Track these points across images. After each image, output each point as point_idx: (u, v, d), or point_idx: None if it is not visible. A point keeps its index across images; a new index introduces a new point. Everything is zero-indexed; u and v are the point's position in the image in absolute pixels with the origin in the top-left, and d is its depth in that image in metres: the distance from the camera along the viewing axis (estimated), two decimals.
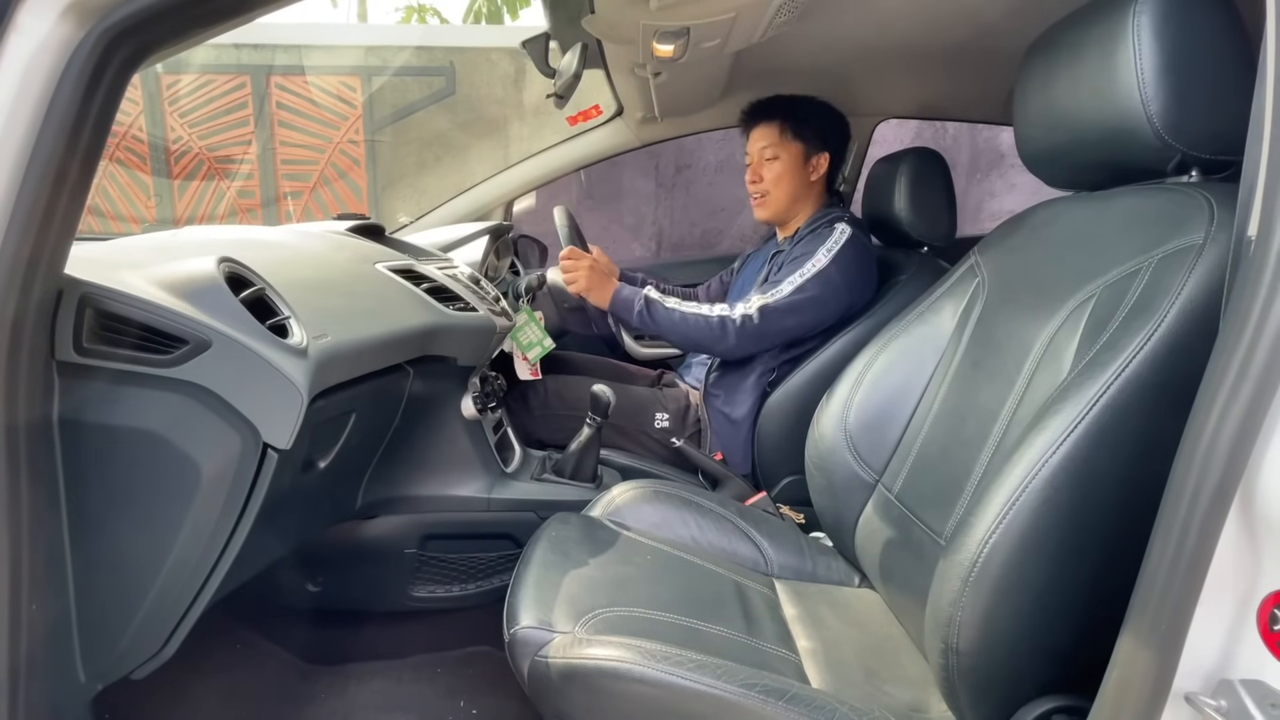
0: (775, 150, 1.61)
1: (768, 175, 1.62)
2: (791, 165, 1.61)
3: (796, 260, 1.52)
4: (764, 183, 1.63)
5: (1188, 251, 0.70)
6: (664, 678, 0.75)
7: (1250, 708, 0.48)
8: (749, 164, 1.67)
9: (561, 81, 1.25)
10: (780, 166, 1.61)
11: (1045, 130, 0.91)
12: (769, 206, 1.65)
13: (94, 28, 0.59)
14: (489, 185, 2.01)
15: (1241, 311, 0.51)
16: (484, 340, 1.31)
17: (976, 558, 0.69)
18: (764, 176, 1.63)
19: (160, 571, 0.79)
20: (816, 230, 1.56)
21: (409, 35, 3.71)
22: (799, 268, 1.49)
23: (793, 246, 1.58)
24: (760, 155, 1.63)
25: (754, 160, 1.65)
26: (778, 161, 1.61)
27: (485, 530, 1.37)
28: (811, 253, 1.50)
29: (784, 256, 1.59)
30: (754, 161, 1.65)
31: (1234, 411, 0.50)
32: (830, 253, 1.49)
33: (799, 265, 1.50)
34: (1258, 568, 0.50)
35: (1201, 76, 0.75)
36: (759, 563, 1.15)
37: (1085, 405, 0.68)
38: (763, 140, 1.62)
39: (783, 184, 1.62)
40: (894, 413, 1.07)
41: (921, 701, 0.86)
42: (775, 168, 1.61)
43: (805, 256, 1.51)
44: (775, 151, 1.61)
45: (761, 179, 1.63)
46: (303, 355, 0.82)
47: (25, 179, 0.59)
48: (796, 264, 1.51)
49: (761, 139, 1.62)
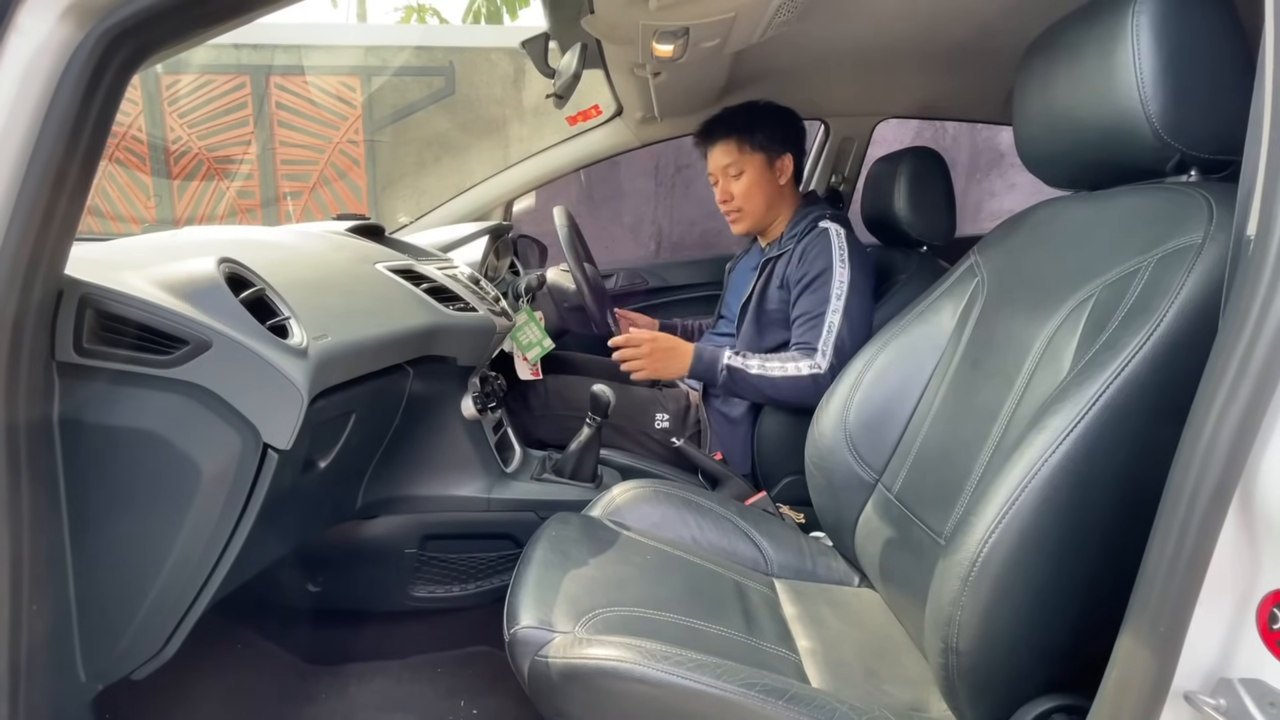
0: (738, 165, 1.60)
1: (737, 191, 1.61)
2: (758, 175, 1.60)
3: (811, 281, 1.49)
4: (735, 200, 1.62)
5: (1187, 251, 0.70)
6: (664, 677, 0.76)
7: (1249, 706, 0.49)
8: (714, 183, 1.66)
9: (561, 81, 1.25)
10: (748, 180, 1.60)
11: (1044, 130, 0.91)
12: (746, 220, 1.64)
13: (94, 28, 0.59)
14: (488, 185, 2.01)
15: (1240, 310, 0.51)
16: (484, 340, 1.31)
17: (976, 557, 0.69)
18: (734, 194, 1.62)
19: (161, 571, 0.79)
20: (804, 235, 1.55)
21: (408, 35, 3.72)
22: (824, 288, 1.47)
23: (786, 257, 1.56)
24: (724, 174, 1.62)
25: (719, 179, 1.64)
26: (744, 176, 1.60)
27: (485, 530, 1.37)
28: (824, 268, 1.48)
29: (781, 267, 1.56)
30: (720, 181, 1.64)
31: (1233, 410, 0.50)
32: (845, 262, 1.48)
33: (822, 286, 1.47)
34: (1257, 567, 0.50)
35: (1200, 76, 0.75)
36: (759, 562, 1.15)
37: (1084, 405, 0.68)
38: (724, 158, 1.61)
39: (754, 196, 1.61)
40: (894, 412, 1.07)
41: (921, 701, 0.86)
42: (743, 183, 1.61)
43: (820, 275, 1.48)
44: (739, 167, 1.60)
45: (732, 196, 1.62)
46: (303, 355, 0.82)
47: (25, 179, 0.59)
48: (817, 286, 1.48)
49: (722, 157, 1.61)
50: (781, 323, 1.57)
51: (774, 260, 1.59)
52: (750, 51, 1.38)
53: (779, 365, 1.46)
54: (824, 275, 1.48)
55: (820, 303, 1.47)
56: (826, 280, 1.48)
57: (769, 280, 1.58)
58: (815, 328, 1.47)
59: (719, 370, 1.49)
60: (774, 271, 1.58)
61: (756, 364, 1.47)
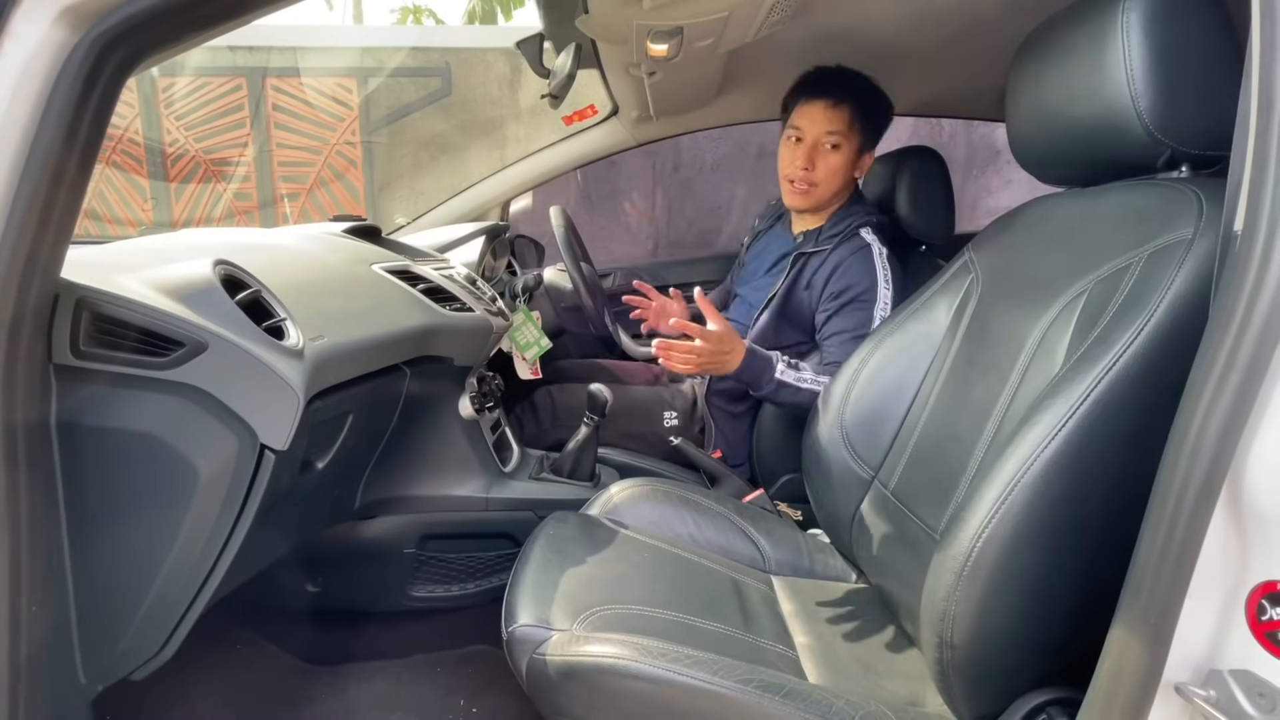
0: (840, 139, 1.40)
1: (822, 166, 1.42)
2: (849, 159, 1.42)
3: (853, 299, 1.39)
4: (816, 171, 1.42)
5: (1177, 246, 0.71)
6: (661, 674, 0.76)
7: (1239, 697, 0.49)
8: (798, 142, 1.43)
9: (556, 81, 1.25)
10: (839, 159, 1.41)
11: (1037, 127, 0.91)
12: (812, 197, 1.46)
13: (88, 33, 0.60)
14: (485, 186, 2.01)
15: (1228, 305, 0.51)
16: (481, 340, 1.31)
17: (970, 552, 0.70)
18: (817, 165, 1.42)
19: (159, 572, 0.79)
20: (843, 240, 1.45)
21: (404, 36, 3.72)
22: (868, 309, 1.37)
23: (820, 258, 1.45)
24: (818, 140, 1.41)
25: (808, 142, 1.41)
26: (838, 153, 1.41)
27: (484, 530, 1.37)
28: (869, 287, 1.38)
29: (813, 269, 1.46)
30: (808, 143, 1.41)
31: (1221, 404, 0.50)
32: (889, 283, 1.39)
33: (865, 306, 1.38)
34: (1246, 559, 0.51)
35: (1190, 73, 0.75)
36: (756, 560, 1.15)
37: (1077, 399, 0.68)
38: (829, 124, 1.40)
39: (835, 178, 1.43)
40: (890, 409, 1.07)
41: (918, 695, 0.86)
42: (834, 160, 1.41)
43: (863, 294, 1.38)
44: (839, 140, 1.40)
45: (814, 166, 1.42)
46: (299, 356, 0.82)
47: (21, 183, 0.59)
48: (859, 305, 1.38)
49: (827, 123, 1.40)
50: (801, 326, 1.49)
51: (807, 257, 1.48)
52: (745, 50, 1.38)
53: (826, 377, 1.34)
54: (867, 294, 1.39)
55: (863, 323, 1.38)
56: (870, 301, 1.38)
57: (798, 278, 1.48)
58: (854, 347, 1.34)
59: (765, 381, 1.34)
60: (804, 269, 1.48)
61: (810, 377, 1.35)
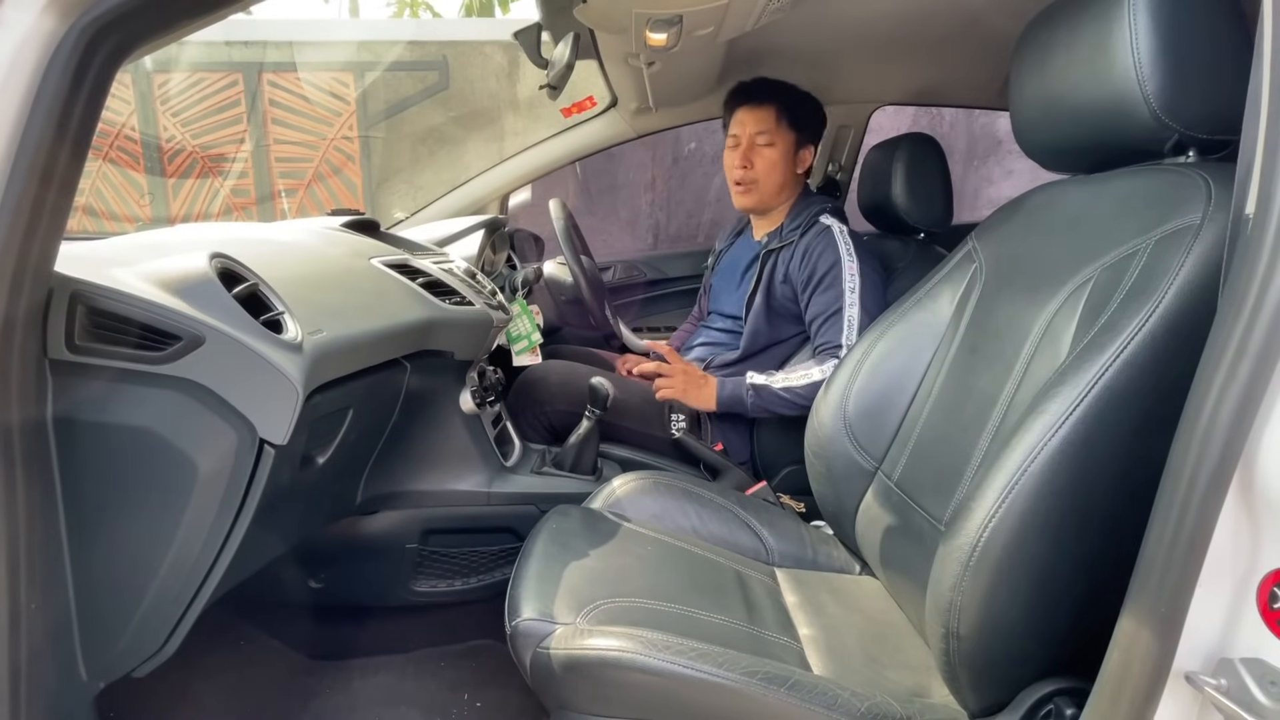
0: (770, 136, 1.55)
1: (759, 163, 1.56)
2: (784, 153, 1.56)
3: (821, 279, 1.48)
4: (754, 169, 1.56)
5: (1185, 232, 0.70)
6: (666, 667, 0.76)
7: (1251, 686, 0.48)
8: (735, 147, 1.59)
9: (554, 72, 1.24)
10: (774, 155, 1.56)
11: (1041, 113, 0.90)
12: (755, 194, 1.59)
13: (77, 21, 0.59)
14: (484, 179, 2.00)
15: (1239, 290, 0.50)
16: (480, 334, 1.30)
17: (976, 542, 0.69)
18: (754, 163, 1.56)
19: (159, 569, 0.79)
20: (806, 229, 1.54)
21: (401, 30, 3.69)
22: (836, 284, 1.46)
23: (789, 250, 1.54)
24: (751, 140, 1.56)
25: (743, 144, 1.57)
26: (772, 149, 1.55)
27: (486, 524, 1.37)
28: (833, 263, 1.47)
29: (784, 261, 1.54)
30: (743, 145, 1.57)
31: (1232, 390, 0.49)
32: (852, 255, 1.48)
33: (834, 283, 1.47)
34: (1257, 547, 0.50)
35: (1198, 56, 0.74)
36: (760, 552, 1.15)
37: (1084, 387, 0.68)
38: (757, 125, 1.55)
39: (774, 173, 1.57)
40: (893, 400, 1.06)
41: (923, 686, 0.86)
42: (769, 156, 1.56)
43: (829, 272, 1.47)
44: (770, 138, 1.55)
45: (751, 165, 1.56)
46: (297, 350, 0.82)
47: (12, 175, 0.59)
48: (829, 283, 1.47)
49: (755, 123, 1.55)
50: (791, 317, 1.56)
51: (775, 252, 1.57)
52: (744, 39, 1.37)
53: (800, 375, 1.44)
54: (834, 271, 1.47)
55: (835, 299, 1.46)
56: (837, 276, 1.47)
57: (772, 274, 1.56)
58: (835, 325, 1.46)
59: (745, 391, 1.46)
60: (776, 264, 1.55)
61: (781, 380, 1.45)
